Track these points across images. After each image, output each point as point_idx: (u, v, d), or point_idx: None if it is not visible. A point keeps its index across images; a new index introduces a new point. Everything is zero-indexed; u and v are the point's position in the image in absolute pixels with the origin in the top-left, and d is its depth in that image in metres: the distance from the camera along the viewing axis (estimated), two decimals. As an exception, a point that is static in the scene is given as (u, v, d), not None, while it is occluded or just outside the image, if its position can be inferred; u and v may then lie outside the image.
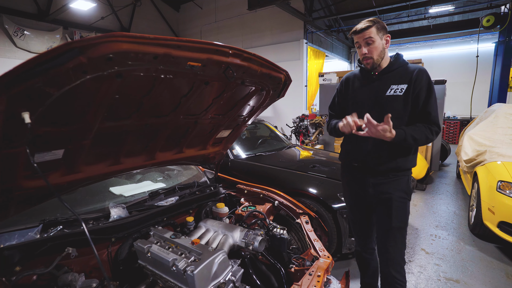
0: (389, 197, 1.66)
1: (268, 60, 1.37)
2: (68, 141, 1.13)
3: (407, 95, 1.59)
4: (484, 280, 2.44)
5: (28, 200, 1.22)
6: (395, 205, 1.66)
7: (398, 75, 1.63)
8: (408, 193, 1.70)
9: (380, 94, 1.65)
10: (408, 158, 1.67)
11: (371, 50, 1.59)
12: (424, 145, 1.67)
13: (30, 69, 0.74)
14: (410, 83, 1.58)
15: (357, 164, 1.75)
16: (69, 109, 0.99)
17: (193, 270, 1.17)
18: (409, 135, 1.54)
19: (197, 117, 1.54)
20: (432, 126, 1.58)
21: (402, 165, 1.66)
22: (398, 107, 1.60)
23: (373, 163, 1.68)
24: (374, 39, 1.57)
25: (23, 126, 0.85)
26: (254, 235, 1.55)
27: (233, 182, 2.32)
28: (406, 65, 1.66)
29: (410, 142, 1.55)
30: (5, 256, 1.20)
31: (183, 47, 0.97)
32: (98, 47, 0.78)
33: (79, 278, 1.28)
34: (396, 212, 1.66)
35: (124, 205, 1.64)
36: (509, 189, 2.66)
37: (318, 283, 1.29)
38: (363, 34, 1.58)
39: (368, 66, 1.65)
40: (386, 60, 1.67)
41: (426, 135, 1.56)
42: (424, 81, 1.58)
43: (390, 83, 1.63)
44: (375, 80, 1.68)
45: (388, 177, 1.67)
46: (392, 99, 1.61)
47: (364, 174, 1.74)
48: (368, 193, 1.74)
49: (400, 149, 1.63)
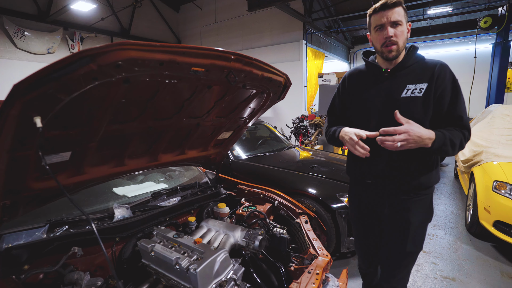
0: (407, 220, 1.41)
1: (268, 64, 1.40)
2: (75, 143, 1.17)
3: (427, 96, 1.30)
4: (479, 278, 2.49)
5: (36, 201, 1.26)
6: (413, 230, 1.41)
7: (416, 72, 1.34)
8: (429, 215, 1.47)
9: (393, 95, 1.36)
10: (432, 173, 1.39)
11: (397, 33, 1.29)
12: (456, 153, 1.36)
13: (44, 76, 0.78)
14: (431, 81, 1.30)
15: (370, 181, 1.48)
16: (78, 113, 1.03)
17: (195, 268, 1.21)
18: (448, 138, 1.25)
19: (199, 120, 1.58)
20: (465, 131, 1.31)
21: (424, 182, 1.39)
22: (418, 111, 1.31)
23: (390, 180, 1.41)
24: (402, 21, 1.28)
25: (35, 130, 0.89)
26: (254, 235, 1.59)
27: (233, 183, 2.36)
28: (423, 59, 1.38)
29: (448, 149, 1.26)
30: (14, 255, 1.24)
31: (188, 53, 1.01)
32: (108, 55, 0.82)
33: (84, 276, 1.31)
34: (412, 238, 1.42)
35: (128, 206, 1.68)
36: (505, 189, 2.71)
37: (317, 281, 1.33)
38: (391, 11, 1.27)
39: (391, 55, 1.32)
40: (402, 55, 1.38)
41: (461, 141, 1.29)
42: (448, 78, 1.30)
43: (407, 82, 1.34)
44: (387, 78, 1.39)
45: (408, 197, 1.41)
46: (410, 101, 1.32)
47: (379, 192, 1.47)
48: (383, 214, 1.48)
49: (422, 162, 1.36)
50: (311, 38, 9.24)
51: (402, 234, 1.44)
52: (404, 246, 1.44)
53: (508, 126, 3.70)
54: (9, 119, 0.84)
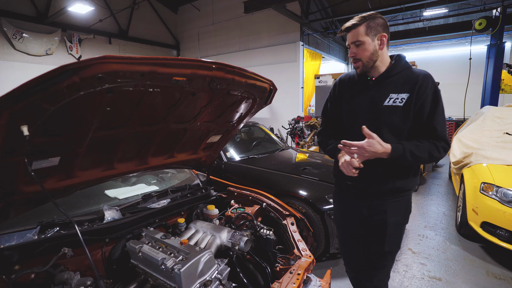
0: (384, 221, 1.48)
1: (251, 71, 1.46)
2: (64, 149, 1.22)
3: (408, 106, 1.36)
4: (465, 277, 2.54)
5: (27, 204, 1.31)
6: (390, 230, 1.48)
7: (399, 82, 1.40)
8: (406, 217, 1.54)
9: (377, 103, 1.42)
10: (408, 179, 1.46)
11: (359, 52, 1.38)
12: (428, 163, 1.46)
13: (31, 88, 0.83)
14: (412, 92, 1.35)
15: (350, 183, 1.56)
16: (65, 121, 1.08)
17: (179, 268, 1.26)
18: (408, 151, 1.33)
19: (187, 125, 1.64)
20: (439, 142, 1.36)
21: (400, 186, 1.46)
22: (397, 120, 1.38)
23: (367, 183, 1.49)
24: (363, 40, 1.36)
25: (22, 137, 0.95)
26: (240, 236, 1.64)
27: (224, 185, 2.41)
28: (409, 69, 1.42)
29: (408, 159, 1.33)
30: (5, 256, 1.29)
31: (168, 64, 1.06)
32: (89, 68, 0.88)
33: (74, 276, 1.37)
34: (389, 238, 1.49)
35: (118, 208, 1.73)
36: (492, 191, 2.76)
37: (297, 281, 1.38)
38: (350, 34, 1.39)
39: (358, 70, 1.46)
40: (385, 63, 1.43)
41: (429, 152, 1.35)
42: (430, 89, 1.35)
43: (390, 91, 1.40)
44: (372, 86, 1.45)
45: (385, 199, 1.48)
46: (391, 110, 1.38)
47: (358, 194, 1.55)
48: (362, 214, 1.55)
49: (397, 168, 1.42)
50: (308, 39, 9.29)
51: (379, 235, 1.51)
52: (382, 247, 1.51)
53: (498, 128, 3.74)
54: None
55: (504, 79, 6.84)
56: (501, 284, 2.47)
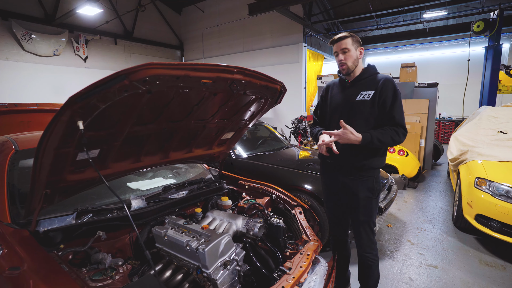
0: (356, 195, 1.88)
1: (266, 74, 1.63)
2: (103, 142, 1.40)
3: (373, 100, 1.79)
4: (459, 265, 2.72)
5: (69, 191, 1.49)
6: (361, 203, 1.88)
7: (368, 83, 1.84)
8: (373, 192, 1.90)
9: (351, 99, 1.86)
10: (375, 158, 1.86)
11: (346, 57, 1.82)
12: (391, 146, 1.89)
13: (91, 90, 1.01)
14: (376, 90, 1.79)
15: (329, 160, 1.97)
16: (109, 118, 1.25)
17: (204, 248, 1.43)
18: (375, 137, 1.73)
19: (206, 122, 1.81)
20: (398, 128, 1.77)
21: (369, 163, 1.85)
22: (366, 110, 1.81)
23: (343, 160, 1.88)
24: (349, 48, 1.80)
25: (77, 131, 1.12)
26: (254, 222, 1.82)
27: (235, 179, 2.59)
28: (375, 74, 1.88)
29: (376, 144, 1.74)
30: (50, 237, 1.47)
31: (198, 69, 1.24)
32: (138, 72, 1.05)
33: (107, 257, 1.54)
34: (362, 209, 1.89)
35: (143, 197, 1.90)
36: (485, 185, 2.93)
37: (307, 260, 1.55)
38: (340, 43, 1.82)
39: (343, 72, 1.87)
40: (359, 70, 1.89)
41: (391, 137, 1.75)
42: (390, 88, 1.78)
43: (361, 89, 1.84)
44: (349, 87, 1.91)
45: (355, 177, 1.88)
46: (361, 103, 1.83)
47: (335, 171, 1.96)
48: (339, 188, 1.98)
49: (367, 149, 1.82)
50: (310, 41, 9.47)
51: (354, 206, 1.93)
52: (358, 216, 1.92)
53: (493, 127, 3.91)
54: (59, 123, 1.07)
55: (502, 80, 7.00)
56: (492, 271, 2.65)
